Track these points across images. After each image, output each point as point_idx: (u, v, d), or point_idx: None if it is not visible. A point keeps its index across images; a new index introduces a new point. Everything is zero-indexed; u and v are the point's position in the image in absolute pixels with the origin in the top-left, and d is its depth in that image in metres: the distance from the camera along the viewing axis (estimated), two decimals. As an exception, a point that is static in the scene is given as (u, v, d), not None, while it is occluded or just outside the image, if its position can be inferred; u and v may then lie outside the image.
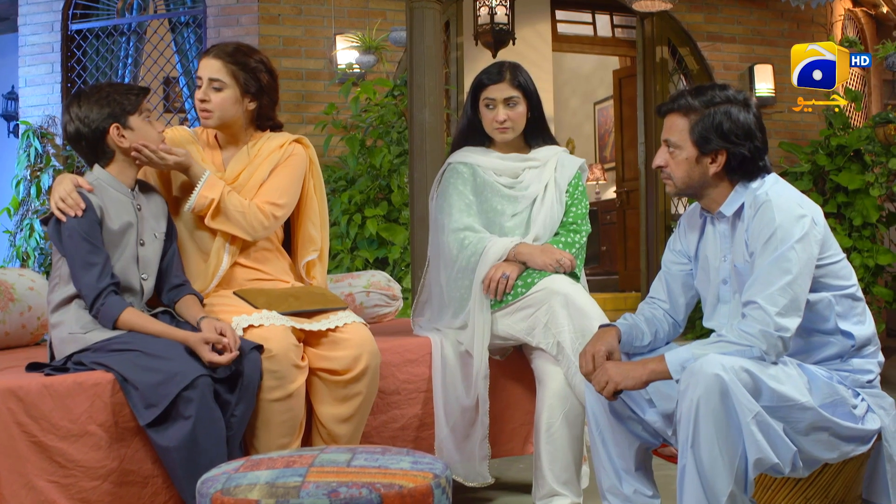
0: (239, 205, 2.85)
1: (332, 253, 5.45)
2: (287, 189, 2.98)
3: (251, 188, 2.94)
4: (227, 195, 2.84)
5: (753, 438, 2.13)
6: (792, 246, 2.26)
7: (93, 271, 2.55)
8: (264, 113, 3.02)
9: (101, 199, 2.65)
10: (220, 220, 2.84)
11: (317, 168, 3.14)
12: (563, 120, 12.22)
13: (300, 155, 3.05)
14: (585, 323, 2.96)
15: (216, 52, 2.93)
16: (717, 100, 2.42)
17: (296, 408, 2.68)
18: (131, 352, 2.47)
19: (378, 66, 5.97)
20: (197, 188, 2.82)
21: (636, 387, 2.35)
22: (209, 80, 2.91)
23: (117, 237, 2.66)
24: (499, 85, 3.21)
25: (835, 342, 2.39)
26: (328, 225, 3.17)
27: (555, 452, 2.97)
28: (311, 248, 3.08)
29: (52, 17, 6.38)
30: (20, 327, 3.29)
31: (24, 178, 6.20)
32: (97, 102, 2.69)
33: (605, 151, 11.70)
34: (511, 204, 3.25)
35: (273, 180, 2.97)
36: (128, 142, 2.69)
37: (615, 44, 9.11)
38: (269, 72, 2.99)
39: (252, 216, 2.87)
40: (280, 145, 3.02)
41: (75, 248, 2.56)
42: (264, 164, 2.97)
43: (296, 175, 3.02)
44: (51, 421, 2.35)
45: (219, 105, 2.91)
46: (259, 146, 3.00)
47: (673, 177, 2.49)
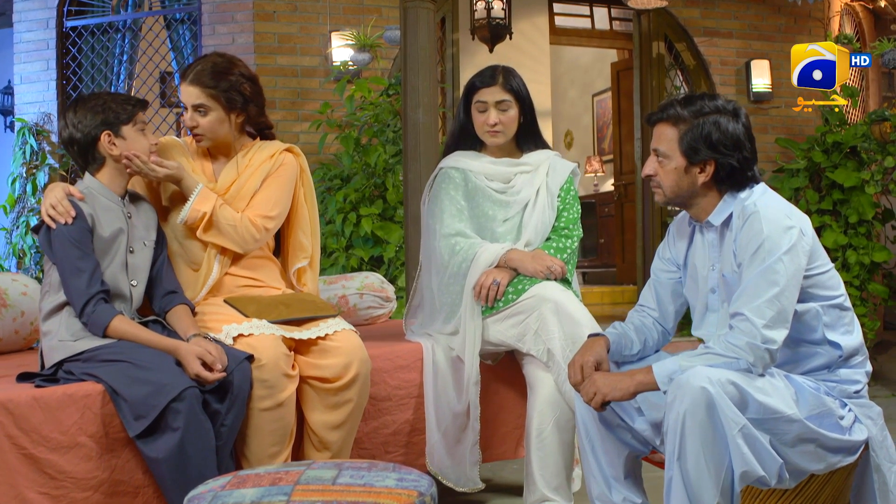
0: (231, 218, 2.86)
1: (327, 251, 5.46)
2: (278, 200, 2.99)
3: (243, 198, 2.95)
4: (219, 208, 2.85)
5: (739, 451, 2.14)
6: (779, 258, 2.27)
7: (82, 278, 2.56)
8: (253, 120, 3.03)
9: (92, 207, 2.67)
10: (211, 233, 2.86)
11: (307, 176, 3.14)
12: (561, 111, 12.20)
13: (291, 164, 3.05)
14: (576, 330, 2.97)
15: (193, 78, 2.91)
16: (706, 110, 2.42)
17: (286, 416, 2.69)
18: (121, 363, 2.48)
19: (374, 63, 5.96)
20: (189, 201, 2.83)
21: (624, 398, 2.36)
22: (192, 107, 2.91)
23: (107, 244, 2.68)
24: (491, 88, 3.21)
25: (822, 353, 2.40)
26: (319, 232, 3.18)
27: (545, 458, 2.99)
28: (302, 255, 3.09)
29: (47, 13, 6.36)
30: (13, 333, 3.30)
31: (20, 175, 6.20)
32: (92, 109, 2.71)
33: (603, 143, 11.67)
34: (502, 209, 3.25)
35: (264, 191, 2.97)
36: (118, 150, 2.70)
37: (613, 37, 9.07)
38: (250, 80, 2.98)
39: (243, 229, 2.88)
40: (271, 155, 3.02)
41: (65, 255, 2.58)
42: (256, 174, 2.97)
43: (287, 185, 3.03)
44: (41, 433, 2.35)
45: (208, 128, 2.93)
46: (250, 156, 3.01)
47: (662, 186, 2.49)
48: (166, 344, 2.57)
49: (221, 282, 2.94)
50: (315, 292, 3.13)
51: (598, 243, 10.46)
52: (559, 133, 12.27)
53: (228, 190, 2.95)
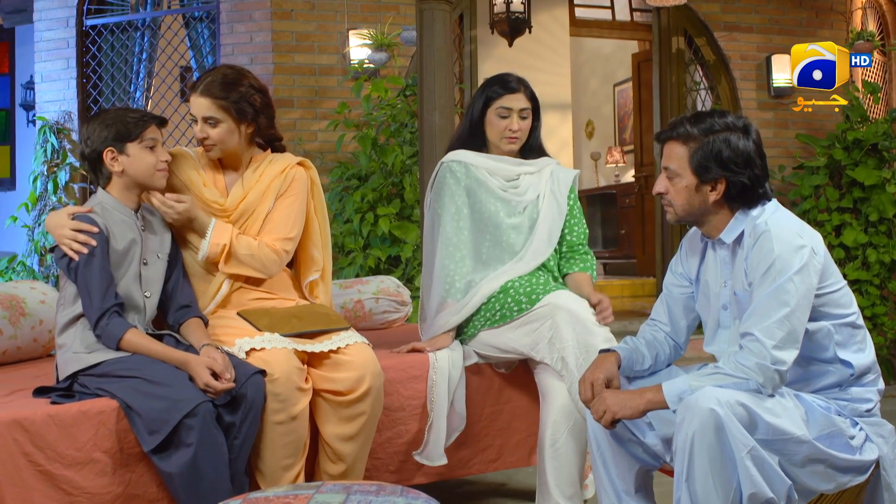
0: (248, 247, 2.87)
1: (345, 251, 5.47)
2: (295, 221, 2.99)
3: (255, 219, 2.95)
4: (236, 240, 2.86)
5: (748, 473, 2.15)
6: (790, 277, 2.26)
7: (97, 292, 2.59)
8: (263, 132, 3.03)
9: (107, 221, 2.69)
10: (232, 264, 2.87)
11: (318, 189, 3.15)
12: (582, 101, 12.14)
13: (302, 179, 3.04)
14: (589, 339, 2.98)
15: (203, 90, 2.90)
16: (716, 127, 2.41)
17: (300, 430, 2.71)
18: (134, 378, 2.51)
19: (391, 60, 5.96)
20: (207, 237, 2.84)
21: (633, 416, 2.36)
22: (203, 118, 2.91)
23: (121, 256, 2.70)
24: (516, 95, 3.23)
25: (833, 371, 2.40)
26: (330, 244, 3.18)
27: (560, 468, 3.00)
28: (314, 268, 3.10)
29: (67, 12, 6.39)
30: (31, 341, 3.34)
31: (41, 173, 6.25)
32: (102, 124, 2.73)
33: (624, 134, 11.61)
34: (505, 206, 3.26)
35: (280, 212, 2.97)
36: (120, 166, 2.72)
37: (634, 28, 9.02)
38: (260, 91, 2.97)
39: (263, 256, 2.89)
40: (282, 171, 3.01)
41: (82, 271, 2.60)
42: (268, 192, 2.97)
43: (301, 204, 3.03)
44: (56, 450, 2.39)
45: (218, 139, 2.92)
46: (261, 171, 3.00)
47: (673, 204, 2.49)
48: (177, 357, 2.59)
49: (235, 295, 2.95)
50: (328, 303, 3.14)
51: (619, 234, 10.42)
52: (580, 123, 12.23)
53: (239, 206, 2.95)
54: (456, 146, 3.35)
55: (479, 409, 3.21)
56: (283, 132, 3.19)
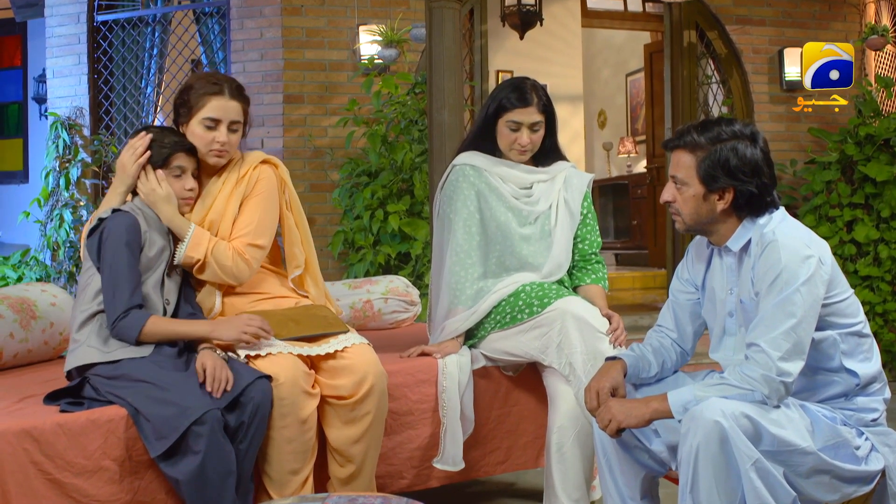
0: (223, 257, 2.85)
1: (356, 247, 5.48)
2: (264, 226, 2.95)
3: (226, 225, 2.93)
4: (211, 252, 2.84)
5: (752, 485, 2.15)
6: (797, 288, 2.25)
7: (127, 286, 2.63)
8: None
9: (145, 223, 2.76)
10: (206, 273, 2.87)
11: (289, 187, 3.09)
12: (594, 91, 12.11)
13: (268, 178, 2.99)
14: (598, 345, 2.99)
15: (233, 93, 2.89)
16: (723, 136, 2.40)
17: (307, 434, 2.72)
18: (144, 384, 2.53)
19: (401, 56, 5.95)
20: (183, 245, 2.83)
21: (639, 425, 2.36)
22: (230, 123, 2.88)
23: (151, 262, 2.76)
24: (527, 109, 3.17)
25: (839, 381, 2.39)
26: (310, 236, 3.15)
27: (566, 472, 3.01)
28: (294, 264, 3.08)
29: (78, 8, 6.40)
30: (42, 343, 3.35)
31: (53, 169, 6.27)
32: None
33: (636, 123, 11.57)
34: (516, 216, 3.24)
35: (247, 215, 2.93)
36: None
37: (646, 19, 8.99)
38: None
39: (234, 266, 2.86)
40: (244, 174, 2.96)
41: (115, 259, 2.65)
42: (232, 198, 2.93)
43: (269, 204, 2.98)
44: (65, 458, 2.41)
45: (233, 146, 2.93)
46: (224, 177, 2.96)
47: (681, 213, 2.48)
48: (203, 329, 2.71)
49: (231, 302, 2.95)
50: (320, 294, 3.14)
51: (631, 225, 10.40)
52: (592, 113, 12.19)
53: (209, 211, 2.92)
54: (468, 147, 3.32)
55: (487, 412, 3.22)
56: (292, 128, 3.18)
